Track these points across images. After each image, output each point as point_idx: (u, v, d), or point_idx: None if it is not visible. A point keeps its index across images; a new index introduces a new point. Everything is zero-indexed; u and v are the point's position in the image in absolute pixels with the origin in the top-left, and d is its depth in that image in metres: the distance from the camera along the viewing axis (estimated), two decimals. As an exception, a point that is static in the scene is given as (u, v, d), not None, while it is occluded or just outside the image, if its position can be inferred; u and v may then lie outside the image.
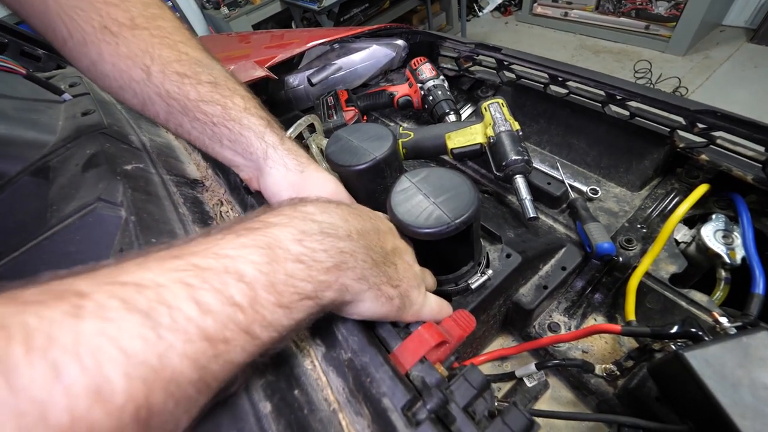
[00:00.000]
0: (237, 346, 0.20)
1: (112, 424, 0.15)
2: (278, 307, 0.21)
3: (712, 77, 2.30)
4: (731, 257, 0.48)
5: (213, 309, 0.19)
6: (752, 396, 0.32)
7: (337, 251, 0.25)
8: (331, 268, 0.24)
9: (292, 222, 0.25)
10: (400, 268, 0.31)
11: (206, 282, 0.19)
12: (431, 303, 0.34)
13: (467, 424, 0.25)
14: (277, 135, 0.38)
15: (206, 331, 0.18)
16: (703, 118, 0.51)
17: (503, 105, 0.62)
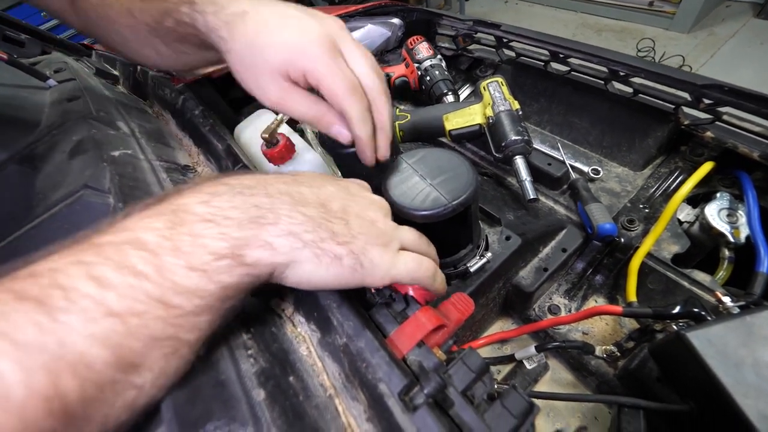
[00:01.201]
0: (153, 318, 0.18)
1: (14, 422, 0.13)
2: (191, 271, 0.20)
3: (717, 54, 2.24)
4: (735, 236, 0.47)
5: (114, 282, 0.18)
6: (755, 375, 0.31)
7: (250, 206, 0.23)
8: (246, 223, 0.22)
9: (200, 188, 0.24)
10: (353, 224, 0.27)
11: (103, 256, 0.18)
12: (406, 261, 0.29)
13: (466, 408, 0.24)
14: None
15: (110, 307, 0.17)
16: (709, 93, 0.49)
17: (502, 84, 0.60)
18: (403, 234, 0.31)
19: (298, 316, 0.32)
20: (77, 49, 0.90)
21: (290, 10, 0.33)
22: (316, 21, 0.33)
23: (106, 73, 0.79)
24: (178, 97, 0.60)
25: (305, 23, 0.32)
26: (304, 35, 0.31)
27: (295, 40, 0.31)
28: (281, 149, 0.51)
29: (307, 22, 0.32)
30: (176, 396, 0.22)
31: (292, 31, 0.31)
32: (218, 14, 0.33)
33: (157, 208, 0.22)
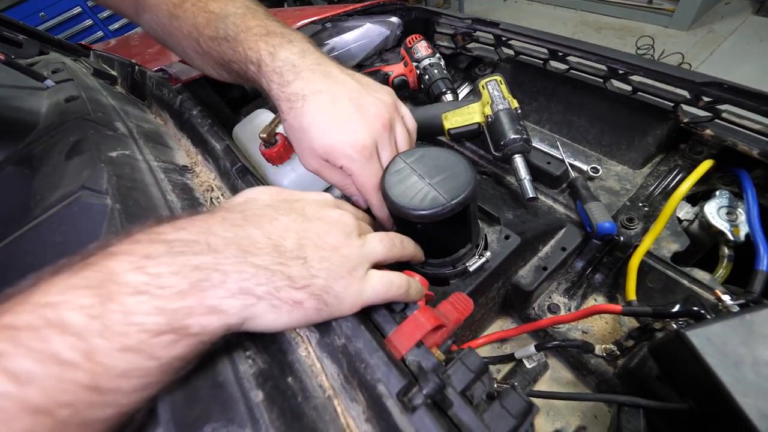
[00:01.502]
0: (87, 406, 0.17)
1: None
2: (126, 353, 0.18)
3: (716, 52, 2.24)
4: (735, 234, 0.47)
5: (35, 376, 0.16)
6: (755, 374, 0.31)
7: (192, 268, 0.21)
8: (188, 290, 0.20)
9: (135, 248, 0.21)
10: (312, 260, 0.26)
11: (21, 345, 0.16)
12: (374, 286, 0.28)
13: (464, 408, 0.24)
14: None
15: (32, 404, 0.15)
16: (708, 91, 0.49)
17: (501, 82, 0.60)
18: (370, 249, 0.30)
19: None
20: (75, 49, 0.90)
21: (345, 104, 0.35)
22: (365, 124, 0.35)
23: (104, 74, 0.78)
24: (176, 98, 0.60)
25: (354, 127, 0.35)
26: (348, 138, 0.35)
27: (340, 142, 0.35)
28: (279, 149, 0.51)
29: (356, 125, 0.35)
30: (174, 397, 0.22)
31: (340, 132, 0.35)
32: (282, 89, 0.35)
33: (84, 275, 0.19)
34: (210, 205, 0.44)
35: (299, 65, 0.35)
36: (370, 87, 0.39)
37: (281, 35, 0.37)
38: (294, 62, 0.35)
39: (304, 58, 0.36)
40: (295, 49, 0.36)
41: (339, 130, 0.35)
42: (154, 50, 0.88)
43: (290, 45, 0.36)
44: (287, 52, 0.36)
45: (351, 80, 0.37)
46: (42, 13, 2.38)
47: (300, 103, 0.35)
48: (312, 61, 0.36)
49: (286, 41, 0.36)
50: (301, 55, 0.36)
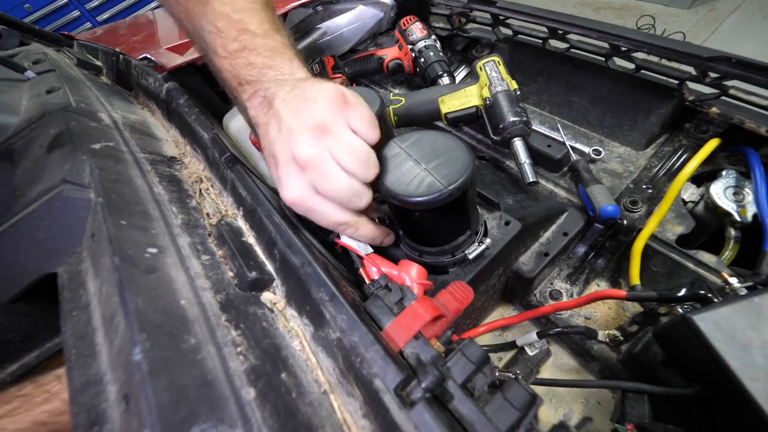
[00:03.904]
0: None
1: None
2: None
3: (718, 30, 2.19)
4: (742, 215, 0.45)
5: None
6: (764, 358, 0.30)
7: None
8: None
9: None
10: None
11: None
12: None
13: (465, 402, 0.23)
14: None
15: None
16: (716, 66, 0.47)
17: (499, 63, 0.57)
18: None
19: (290, 310, 0.31)
20: (58, 39, 0.87)
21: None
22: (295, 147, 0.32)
23: (89, 64, 0.76)
24: (162, 86, 0.58)
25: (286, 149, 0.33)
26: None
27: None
28: (270, 137, 0.49)
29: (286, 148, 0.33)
30: (159, 398, 0.21)
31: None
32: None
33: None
34: (199, 197, 0.43)
35: (255, 117, 0.36)
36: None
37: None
38: (256, 116, 0.36)
39: (261, 108, 0.36)
40: (257, 102, 0.36)
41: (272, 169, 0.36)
42: (140, 38, 0.85)
43: (255, 95, 0.36)
44: (254, 110, 0.36)
45: (276, 126, 0.34)
46: (27, 4, 2.31)
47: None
48: (262, 112, 0.36)
49: (251, 93, 0.36)
50: (260, 107, 0.36)
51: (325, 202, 0.33)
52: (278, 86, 0.34)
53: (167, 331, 0.25)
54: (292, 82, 0.35)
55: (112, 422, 0.24)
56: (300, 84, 0.34)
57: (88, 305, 0.31)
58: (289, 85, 0.34)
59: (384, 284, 0.32)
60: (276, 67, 0.36)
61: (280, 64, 0.36)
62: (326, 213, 0.33)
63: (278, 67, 0.36)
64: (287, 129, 0.32)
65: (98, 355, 0.27)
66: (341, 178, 0.31)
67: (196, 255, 0.34)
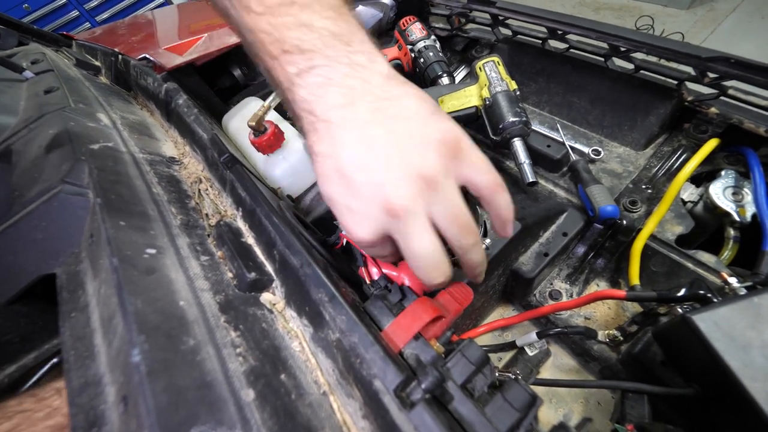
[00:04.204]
0: None
1: None
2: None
3: (717, 30, 2.19)
4: (741, 215, 0.45)
5: None
6: (764, 358, 0.30)
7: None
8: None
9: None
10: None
11: None
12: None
13: (465, 402, 0.23)
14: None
15: None
16: (715, 67, 0.47)
17: (499, 63, 0.57)
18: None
19: (290, 310, 0.31)
20: (56, 39, 0.86)
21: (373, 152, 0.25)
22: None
23: (87, 64, 0.75)
24: (161, 87, 0.58)
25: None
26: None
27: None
28: (269, 137, 0.50)
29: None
30: (158, 400, 0.21)
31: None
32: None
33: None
34: (198, 198, 0.43)
35: (314, 111, 0.25)
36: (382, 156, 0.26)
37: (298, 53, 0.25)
38: (311, 108, 0.25)
39: (326, 97, 0.25)
40: (316, 83, 0.25)
41: (338, 213, 0.27)
42: (139, 38, 0.84)
43: (312, 72, 0.25)
44: (305, 90, 0.25)
45: (361, 144, 0.25)
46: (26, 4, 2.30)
47: (313, 158, 0.27)
48: (331, 103, 0.25)
49: (307, 66, 0.25)
50: (323, 94, 0.25)
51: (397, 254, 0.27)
52: (355, 75, 0.25)
53: (166, 332, 0.25)
54: (379, 81, 0.25)
55: (110, 424, 0.24)
56: (394, 91, 0.26)
57: (87, 306, 0.31)
58: (378, 87, 0.25)
59: (384, 285, 0.32)
60: (345, 38, 0.25)
61: (351, 36, 0.26)
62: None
63: (349, 40, 0.25)
64: (383, 162, 0.24)
65: (97, 357, 0.27)
66: (428, 244, 0.25)
67: (195, 256, 0.34)
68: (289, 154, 0.54)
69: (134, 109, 0.64)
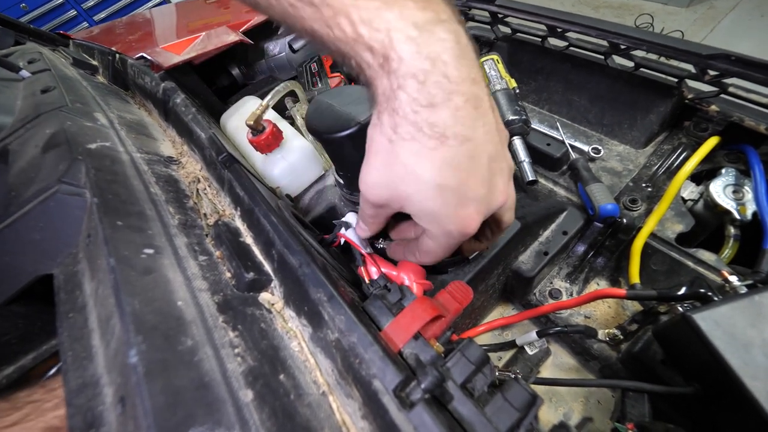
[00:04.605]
0: None
1: None
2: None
3: (716, 28, 2.19)
4: (741, 213, 0.45)
5: None
6: (764, 356, 0.30)
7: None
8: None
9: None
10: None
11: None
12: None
13: (465, 402, 0.23)
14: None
15: None
16: (715, 64, 0.47)
17: (498, 61, 0.57)
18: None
19: (289, 310, 0.31)
20: (53, 39, 0.86)
21: (479, 172, 0.25)
22: (486, 204, 0.27)
23: (84, 63, 0.75)
24: (159, 86, 0.58)
25: (472, 206, 0.26)
26: (458, 215, 0.27)
27: (446, 215, 0.26)
28: (268, 136, 0.49)
29: (476, 205, 0.26)
30: (155, 401, 0.20)
31: (450, 206, 0.26)
32: (416, 108, 0.23)
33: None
34: (196, 198, 0.42)
35: (453, 78, 0.22)
36: (503, 145, 0.28)
37: (422, 2, 0.22)
38: (447, 71, 0.22)
39: (460, 62, 0.22)
40: (449, 39, 0.22)
41: (452, 204, 0.26)
42: (137, 37, 0.84)
43: (441, 29, 0.22)
44: (439, 46, 0.22)
45: (495, 129, 0.26)
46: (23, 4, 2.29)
47: (432, 142, 0.23)
48: (467, 73, 0.23)
49: (433, 19, 0.22)
50: (457, 55, 0.22)
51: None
52: (470, 44, 0.23)
53: (164, 332, 0.24)
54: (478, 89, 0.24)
55: (108, 425, 0.24)
56: (487, 102, 0.25)
57: (85, 307, 0.30)
58: (485, 94, 0.24)
59: (383, 284, 0.32)
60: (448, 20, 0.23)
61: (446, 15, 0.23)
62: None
63: (449, 21, 0.23)
64: (504, 154, 0.27)
65: (94, 358, 0.27)
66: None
67: (194, 256, 0.33)
68: (288, 153, 0.54)
69: (132, 109, 0.64)
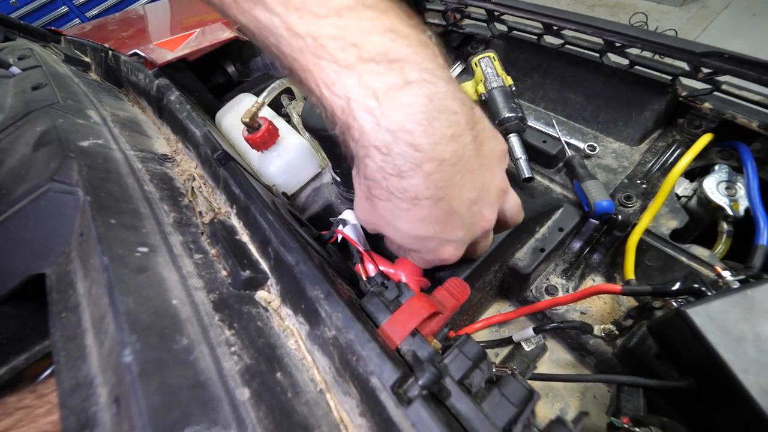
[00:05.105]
0: None
1: None
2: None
3: (709, 27, 2.21)
4: (734, 209, 0.46)
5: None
6: (757, 350, 0.31)
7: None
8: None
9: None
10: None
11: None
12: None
13: (463, 398, 0.23)
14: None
15: None
16: (708, 62, 0.47)
17: (495, 59, 0.57)
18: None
19: (285, 308, 0.31)
20: (44, 35, 0.85)
21: (452, 224, 0.27)
22: (458, 243, 0.29)
23: (77, 60, 0.74)
24: (153, 83, 0.57)
25: (446, 248, 0.29)
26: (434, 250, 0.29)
27: (422, 249, 0.29)
28: (264, 134, 0.49)
29: (449, 247, 0.29)
30: (150, 401, 0.20)
31: (425, 243, 0.28)
32: (386, 174, 0.23)
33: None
34: (191, 196, 0.42)
35: (421, 146, 0.22)
36: (492, 172, 0.28)
37: (385, 63, 0.21)
38: (413, 140, 0.21)
39: (431, 126, 0.21)
40: (415, 104, 0.21)
41: (431, 247, 0.28)
42: (130, 34, 0.83)
43: (406, 93, 0.21)
44: (402, 114, 0.21)
45: (478, 167, 0.25)
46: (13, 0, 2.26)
47: (405, 204, 0.24)
48: (440, 134, 0.22)
49: (397, 84, 0.21)
50: (427, 118, 0.21)
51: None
52: (455, 97, 0.23)
53: (158, 331, 0.24)
54: (470, 103, 0.25)
55: (102, 426, 0.23)
56: (476, 117, 0.26)
57: (78, 306, 0.30)
58: (470, 109, 0.25)
59: (380, 281, 0.32)
60: (431, 49, 0.23)
61: (435, 47, 0.23)
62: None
63: (434, 52, 0.23)
64: (488, 203, 0.29)
65: (88, 357, 0.27)
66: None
67: (189, 254, 0.33)
68: (284, 151, 0.53)
69: (125, 106, 0.63)
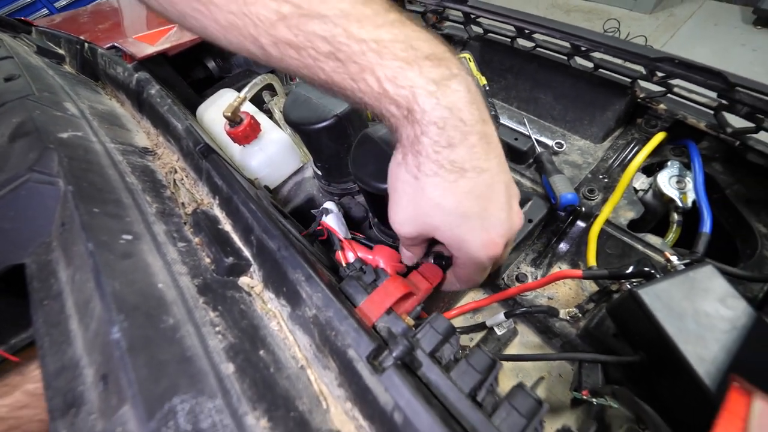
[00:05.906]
0: None
1: None
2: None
3: (676, 35, 2.34)
4: (683, 201, 0.50)
5: None
6: (695, 324, 0.34)
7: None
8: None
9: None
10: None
11: None
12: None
13: (433, 368, 0.25)
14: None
15: None
16: (662, 66, 0.52)
17: (470, 60, 0.60)
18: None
19: (268, 293, 0.32)
20: (14, 25, 0.82)
21: (498, 200, 0.28)
22: (508, 228, 0.29)
23: (50, 52, 0.72)
24: (132, 77, 0.57)
25: (496, 230, 0.29)
26: (483, 241, 0.29)
27: (472, 241, 0.29)
28: (246, 128, 0.50)
29: (500, 229, 0.29)
30: (139, 373, 0.21)
31: (475, 232, 0.29)
32: (437, 148, 0.26)
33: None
34: (173, 188, 0.43)
35: (468, 121, 0.26)
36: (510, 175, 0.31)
37: (436, 60, 0.25)
38: (462, 116, 0.25)
39: (471, 108, 0.26)
40: (461, 90, 0.25)
41: (477, 229, 0.28)
42: (105, 26, 0.81)
43: (454, 82, 0.25)
44: (454, 96, 0.25)
45: (504, 161, 0.29)
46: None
47: (452, 176, 0.26)
48: (478, 116, 0.26)
49: (447, 75, 0.25)
50: (469, 102, 0.26)
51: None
52: (475, 89, 0.27)
53: (145, 312, 0.25)
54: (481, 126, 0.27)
55: (90, 404, 0.24)
56: (496, 139, 0.28)
57: (60, 294, 0.31)
58: (493, 132, 0.28)
59: (359, 267, 0.34)
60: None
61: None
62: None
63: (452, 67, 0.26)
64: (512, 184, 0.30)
65: (73, 341, 0.28)
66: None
67: (172, 242, 0.34)
68: (266, 145, 0.54)
69: (103, 99, 0.62)
